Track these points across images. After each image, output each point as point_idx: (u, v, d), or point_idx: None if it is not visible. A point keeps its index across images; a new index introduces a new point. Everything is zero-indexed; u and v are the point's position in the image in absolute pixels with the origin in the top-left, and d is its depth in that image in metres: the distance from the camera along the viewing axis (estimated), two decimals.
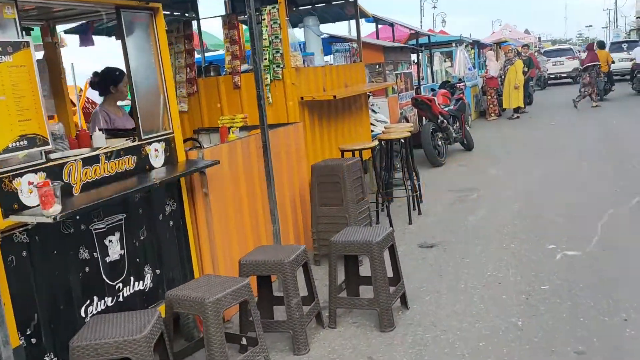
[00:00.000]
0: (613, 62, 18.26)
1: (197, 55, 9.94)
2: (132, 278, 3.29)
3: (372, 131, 7.82)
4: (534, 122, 13.86)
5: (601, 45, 19.25)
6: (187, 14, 6.96)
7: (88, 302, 3.01)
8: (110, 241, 3.14)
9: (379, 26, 11.94)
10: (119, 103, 4.92)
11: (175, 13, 6.78)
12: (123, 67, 3.54)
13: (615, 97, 17.92)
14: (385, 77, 9.16)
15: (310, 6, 7.64)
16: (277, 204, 4.81)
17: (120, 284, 3.21)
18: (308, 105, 5.74)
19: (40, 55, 4.35)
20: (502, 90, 15.58)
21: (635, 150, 9.01)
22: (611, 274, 4.26)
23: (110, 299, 3.14)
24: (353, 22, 10.97)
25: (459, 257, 4.92)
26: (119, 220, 3.20)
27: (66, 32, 6.53)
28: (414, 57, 12.64)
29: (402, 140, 6.31)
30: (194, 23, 7.25)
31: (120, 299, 3.21)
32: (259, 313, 3.78)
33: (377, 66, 9.33)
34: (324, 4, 7.58)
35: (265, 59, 5.50)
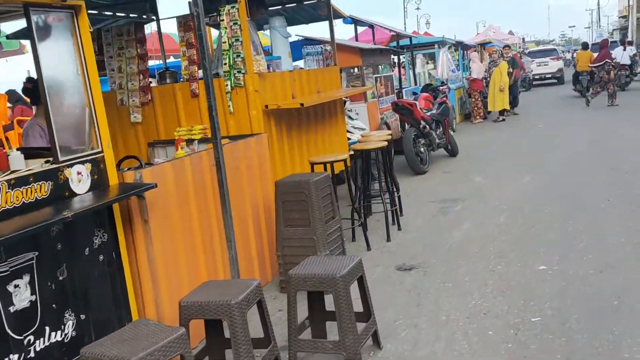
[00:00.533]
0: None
1: (159, 62, 9.39)
2: (47, 328, 2.75)
3: (349, 139, 7.35)
4: (520, 125, 13.47)
5: (585, 46, 19.96)
6: (144, 16, 6.44)
7: None
8: (16, 286, 2.61)
9: (359, 29, 11.49)
10: None
11: (131, 15, 6.27)
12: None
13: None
14: (364, 81, 8.69)
15: (280, 6, 7.16)
16: (238, 227, 4.30)
17: (31, 337, 2.68)
18: (274, 114, 5.24)
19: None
20: (487, 92, 15.20)
21: (625, 152, 8.61)
22: (609, 300, 3.80)
23: (17, 356, 2.60)
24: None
25: (440, 281, 4.43)
26: (28, 260, 2.67)
27: (8, 37, 5.99)
28: (395, 59, 12.19)
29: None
30: (153, 25, 6.74)
31: (31, 354, 2.67)
32: (209, 358, 3.28)
33: (355, 70, 8.85)
34: (294, 4, 7.11)
35: (225, 64, 5.00)
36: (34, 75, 3.21)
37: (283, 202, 4.46)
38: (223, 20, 4.94)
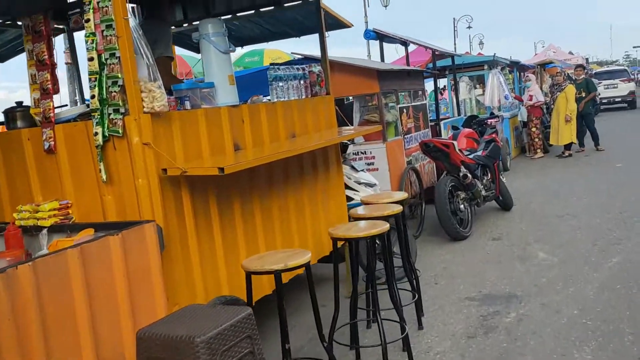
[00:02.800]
0: None
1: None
2: None
3: (350, 200, 5.09)
4: (592, 162, 10.82)
5: None
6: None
7: None
8: None
9: (391, 53, 9.24)
10: None
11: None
12: None
13: None
14: (382, 113, 6.42)
15: (252, 11, 5.06)
16: None
17: None
18: (188, 182, 3.07)
19: None
20: (547, 120, 12.61)
21: None
22: None
23: None
24: (374, 44, 8.45)
25: None
26: None
27: None
28: (435, 83, 9.84)
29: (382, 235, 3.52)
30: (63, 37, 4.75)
31: None
32: None
33: (370, 98, 6.62)
34: (272, 7, 4.98)
35: (93, 96, 2.88)
36: None
37: None
38: (89, 20, 2.84)
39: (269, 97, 4.27)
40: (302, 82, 4.44)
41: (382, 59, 8.73)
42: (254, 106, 3.76)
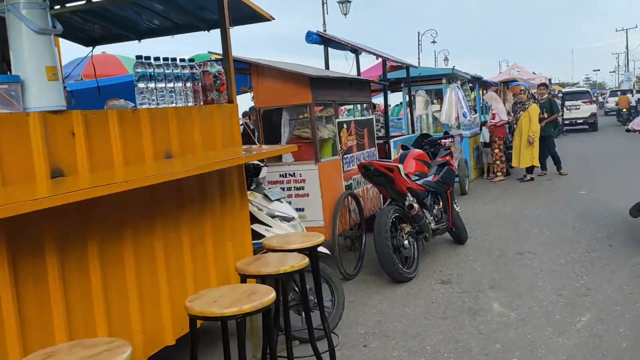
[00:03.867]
0: (630, 102, 25.30)
1: None
2: None
3: (262, 237, 4.00)
4: (554, 187, 10.04)
5: (624, 92, 23.47)
6: None
7: None
8: None
9: (341, 60, 8.22)
10: None
11: None
12: None
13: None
14: (315, 128, 5.38)
15: None
16: None
17: None
18: None
19: None
20: (510, 141, 11.84)
21: None
22: None
23: None
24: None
25: None
26: None
27: None
28: (385, 96, 8.84)
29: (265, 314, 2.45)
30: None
31: None
32: None
33: (305, 109, 5.57)
34: None
35: None
36: None
37: None
38: None
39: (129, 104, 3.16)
40: (189, 84, 3.35)
41: (327, 67, 7.71)
42: (96, 113, 2.64)
